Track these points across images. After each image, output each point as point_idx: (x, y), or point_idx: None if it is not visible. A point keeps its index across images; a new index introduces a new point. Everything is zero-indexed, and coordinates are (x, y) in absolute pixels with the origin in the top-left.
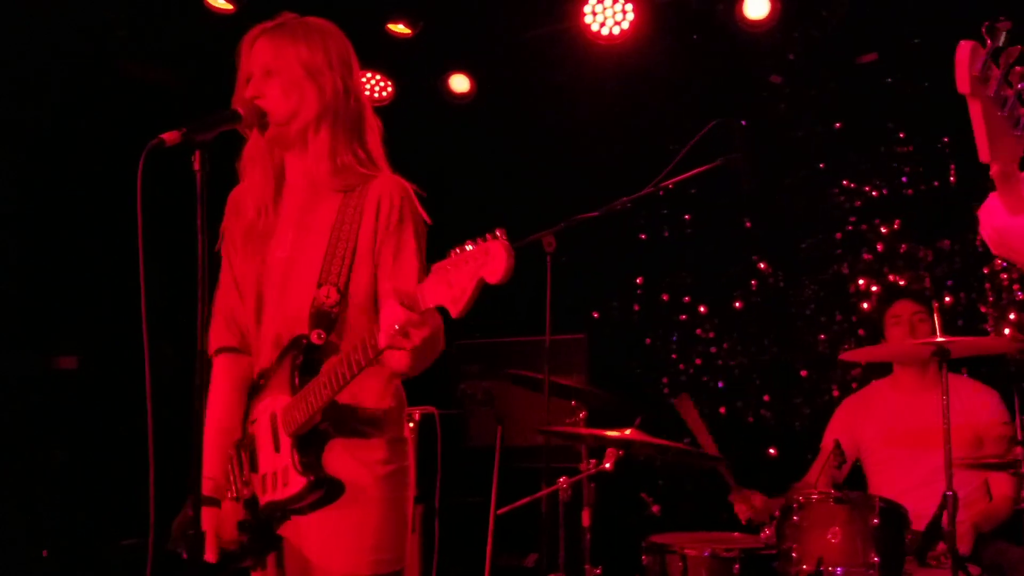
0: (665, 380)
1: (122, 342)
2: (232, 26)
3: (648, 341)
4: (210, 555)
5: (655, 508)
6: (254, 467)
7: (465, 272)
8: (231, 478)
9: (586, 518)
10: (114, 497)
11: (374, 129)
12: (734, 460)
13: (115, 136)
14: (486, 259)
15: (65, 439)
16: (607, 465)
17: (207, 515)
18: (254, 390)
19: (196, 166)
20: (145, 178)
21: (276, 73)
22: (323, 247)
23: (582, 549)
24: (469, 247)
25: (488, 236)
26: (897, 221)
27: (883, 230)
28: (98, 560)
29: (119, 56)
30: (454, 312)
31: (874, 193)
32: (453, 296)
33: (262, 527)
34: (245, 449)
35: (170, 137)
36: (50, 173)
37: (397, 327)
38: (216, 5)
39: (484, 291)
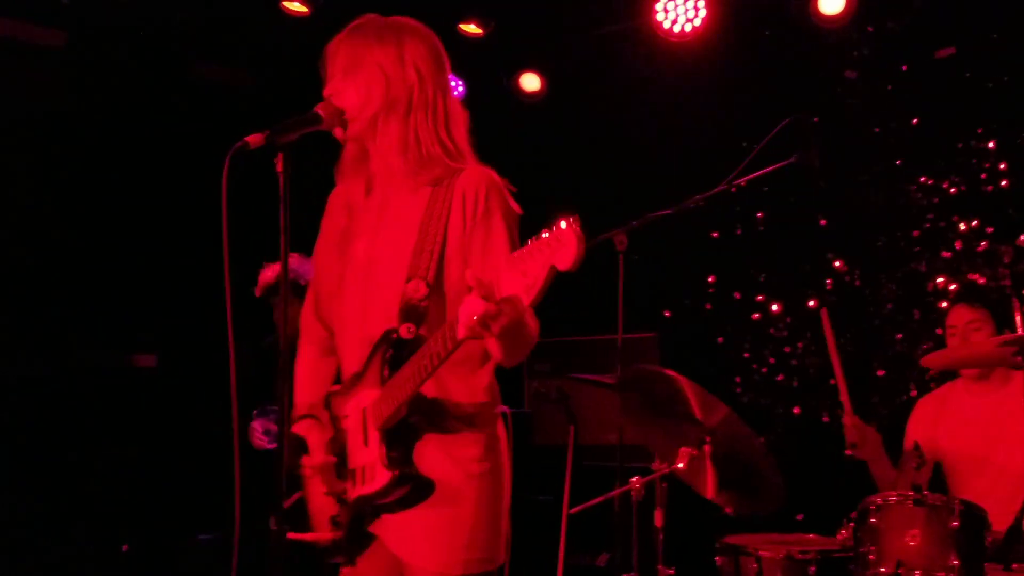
0: (738, 379)
1: (199, 340)
2: (307, 29)
3: (720, 340)
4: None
5: (729, 509)
6: (344, 462)
7: (538, 260)
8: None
9: (659, 518)
10: (192, 493)
11: (459, 120)
12: (811, 459)
13: (191, 138)
14: (557, 246)
15: (143, 435)
16: (680, 465)
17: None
18: (345, 387)
19: (279, 168)
20: (229, 179)
21: (351, 71)
22: (411, 241)
23: (655, 549)
24: (545, 235)
25: (559, 222)
26: (976, 218)
27: (962, 227)
28: (176, 555)
29: (197, 59)
30: (527, 300)
31: (952, 190)
32: (526, 285)
33: (354, 523)
34: (336, 445)
35: (254, 139)
36: (130, 175)
37: (476, 318)
38: (291, 8)
39: (554, 289)
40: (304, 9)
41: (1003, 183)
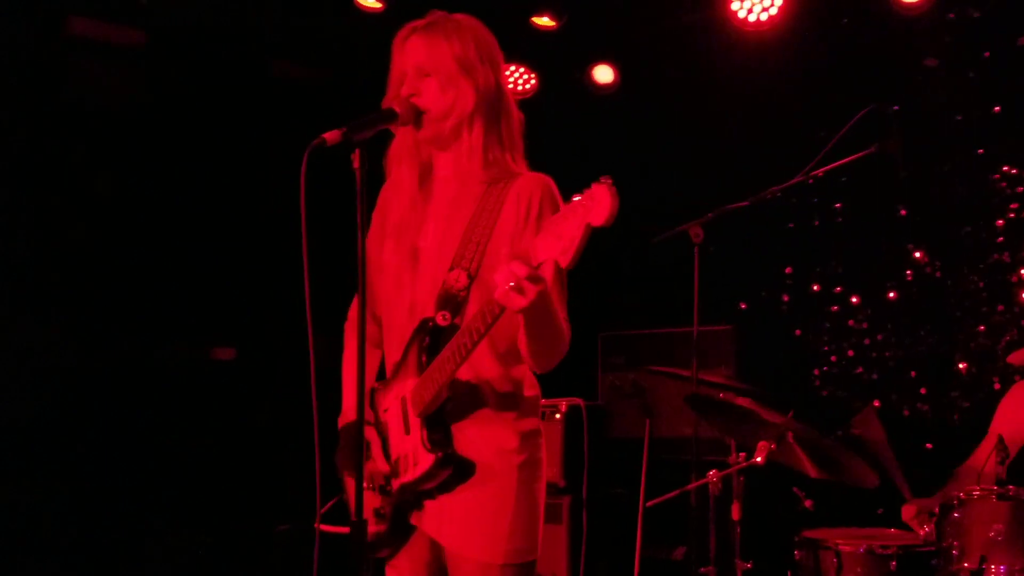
0: (816, 372)
1: (278, 334)
2: (381, 24)
3: (798, 332)
4: None
5: (807, 503)
6: (387, 454)
7: (572, 221)
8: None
9: (736, 512)
10: (270, 484)
11: (516, 123)
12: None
13: (268, 134)
14: (591, 204)
15: (222, 428)
16: (758, 459)
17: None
18: (387, 379)
19: (355, 164)
20: (307, 176)
21: (432, 71)
22: (460, 232)
23: (732, 543)
24: (576, 198)
25: (593, 183)
26: None
27: None
28: (255, 545)
29: (274, 57)
30: (563, 262)
31: None
32: (563, 247)
33: (397, 514)
34: (378, 437)
35: (331, 136)
36: (210, 173)
37: (512, 283)
38: (365, 4)
39: (629, 282)
40: (378, 5)
41: None
